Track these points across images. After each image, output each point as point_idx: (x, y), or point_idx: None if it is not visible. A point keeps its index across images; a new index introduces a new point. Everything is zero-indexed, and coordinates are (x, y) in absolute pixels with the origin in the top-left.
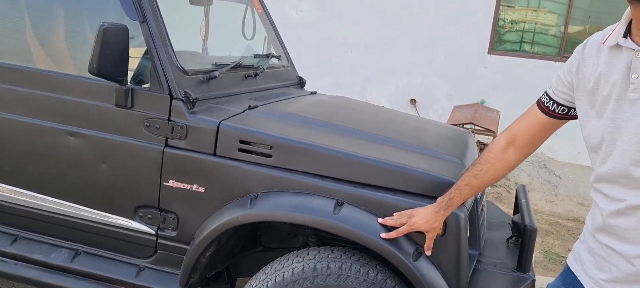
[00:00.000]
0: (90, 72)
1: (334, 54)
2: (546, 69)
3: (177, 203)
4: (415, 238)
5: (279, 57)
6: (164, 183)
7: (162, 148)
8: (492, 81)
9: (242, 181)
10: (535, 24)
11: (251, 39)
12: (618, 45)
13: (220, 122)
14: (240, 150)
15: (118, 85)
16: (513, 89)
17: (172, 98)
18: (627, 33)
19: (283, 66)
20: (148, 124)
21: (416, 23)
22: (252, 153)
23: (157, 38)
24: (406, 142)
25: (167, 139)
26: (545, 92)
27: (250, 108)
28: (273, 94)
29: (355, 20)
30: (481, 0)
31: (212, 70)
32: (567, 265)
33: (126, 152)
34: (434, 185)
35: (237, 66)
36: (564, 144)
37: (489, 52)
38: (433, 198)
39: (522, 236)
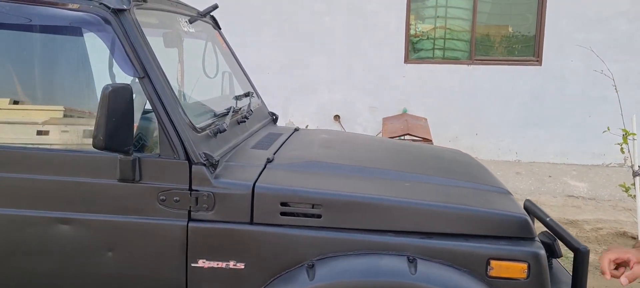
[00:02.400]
0: (95, 146)
1: (251, 77)
2: (459, 73)
3: (211, 285)
4: None
5: (253, 95)
6: (192, 265)
7: (185, 223)
8: (411, 89)
9: (290, 249)
10: (445, 30)
11: (214, 77)
12: None
13: (255, 184)
14: (282, 214)
15: (122, 157)
16: (431, 95)
17: (191, 163)
18: None
19: (258, 104)
20: (164, 198)
21: (330, 40)
22: (298, 216)
23: (164, 95)
24: (450, 178)
25: (190, 211)
26: None
27: (269, 161)
28: (268, 139)
29: (269, 42)
30: (391, 13)
31: (214, 123)
32: None
33: (139, 234)
34: (507, 224)
35: (233, 113)
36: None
37: (405, 62)
38: (508, 239)
39: (574, 260)
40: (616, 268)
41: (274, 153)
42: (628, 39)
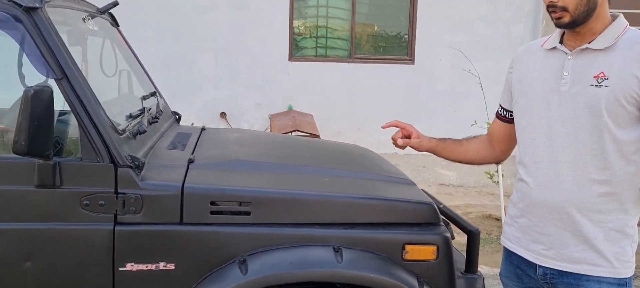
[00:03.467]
0: (16, 151)
1: None
2: (341, 70)
3: None
4: (416, 270)
5: (156, 95)
6: (119, 269)
7: (111, 227)
8: (295, 86)
9: (221, 247)
10: (327, 29)
11: (113, 76)
12: (555, 48)
13: (183, 184)
14: (212, 213)
15: (41, 162)
16: (315, 92)
17: (116, 166)
18: (561, 41)
19: (162, 104)
20: (88, 202)
21: (214, 36)
22: (228, 214)
23: (84, 96)
24: (361, 172)
25: (116, 215)
26: (499, 103)
27: (191, 162)
28: (180, 139)
29: (152, 38)
30: (276, 12)
31: (130, 124)
32: (505, 248)
33: (60, 241)
34: (418, 212)
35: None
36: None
37: (289, 59)
38: (418, 225)
39: (468, 240)
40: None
41: (193, 153)
42: (487, 41)
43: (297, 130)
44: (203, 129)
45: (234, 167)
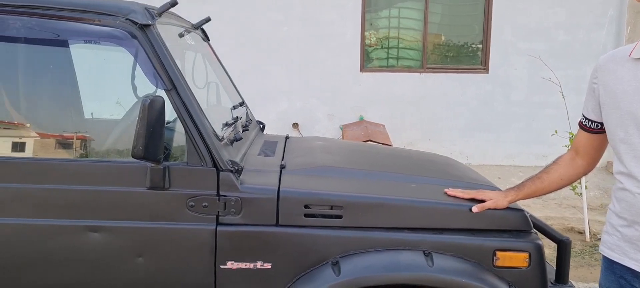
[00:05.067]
0: (135, 155)
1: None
2: (413, 80)
3: (239, 285)
4: (507, 277)
5: (244, 105)
6: (221, 266)
7: (213, 227)
8: (366, 97)
9: (314, 248)
10: (398, 40)
11: (203, 87)
12: None
13: (279, 188)
14: (306, 215)
15: (152, 165)
16: (386, 102)
17: (218, 170)
18: None
19: (249, 114)
20: (193, 204)
21: (288, 49)
22: (320, 217)
23: (191, 105)
24: (448, 179)
25: (218, 216)
26: (582, 114)
27: (283, 168)
28: (269, 146)
29: (227, 50)
30: (347, 24)
31: (228, 132)
32: (604, 257)
33: (169, 239)
34: (509, 219)
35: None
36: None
37: (360, 70)
38: (510, 232)
39: (558, 250)
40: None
41: (283, 160)
42: (566, 48)
43: (370, 140)
44: (287, 137)
45: (323, 173)
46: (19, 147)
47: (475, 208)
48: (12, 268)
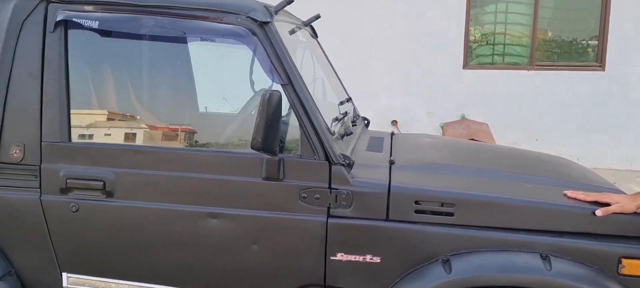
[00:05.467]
0: (254, 147)
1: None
2: (519, 78)
3: (348, 277)
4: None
5: (351, 101)
6: (331, 258)
7: (325, 219)
8: (469, 95)
9: (424, 245)
10: (505, 36)
11: (310, 83)
12: None
13: (390, 184)
14: (416, 212)
15: (269, 157)
16: (490, 100)
17: (330, 164)
18: None
19: (356, 110)
20: (306, 195)
21: (389, 46)
22: (431, 214)
23: (306, 100)
24: (566, 180)
25: (329, 208)
26: None
27: (392, 163)
28: (376, 142)
29: (330, 48)
30: (450, 20)
31: (338, 126)
32: None
33: (281, 229)
34: (636, 224)
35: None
36: None
37: (463, 67)
38: (636, 238)
39: None
40: None
41: (391, 156)
42: None
43: (473, 139)
44: (392, 133)
45: (433, 169)
46: (148, 137)
47: (599, 212)
48: (139, 248)
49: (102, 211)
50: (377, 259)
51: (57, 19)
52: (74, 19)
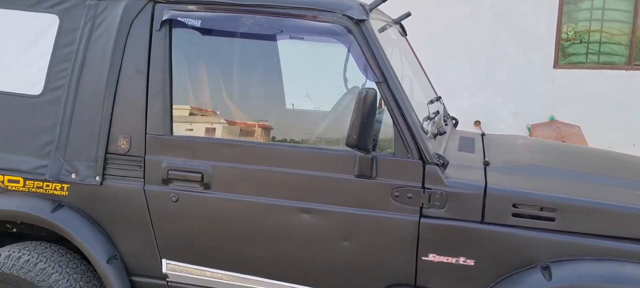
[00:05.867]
0: (349, 144)
1: None
2: (616, 79)
3: (440, 279)
4: None
5: (440, 100)
6: (422, 258)
7: (417, 219)
8: (559, 96)
9: (521, 250)
10: (601, 34)
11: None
12: None
13: (486, 185)
14: (514, 215)
15: (362, 155)
16: (583, 102)
17: (424, 163)
18: None
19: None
20: (398, 194)
21: (473, 44)
22: (529, 218)
23: (401, 98)
24: None
25: (422, 208)
26: None
27: (487, 164)
28: (467, 142)
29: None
30: (541, 17)
31: (430, 125)
32: None
33: (373, 227)
34: None
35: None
36: None
37: (554, 67)
38: None
39: None
40: None
41: (484, 157)
42: None
43: (564, 142)
44: (483, 134)
45: (531, 172)
46: (243, 132)
47: None
48: (234, 239)
49: (199, 202)
50: (470, 262)
51: (163, 18)
52: (179, 18)
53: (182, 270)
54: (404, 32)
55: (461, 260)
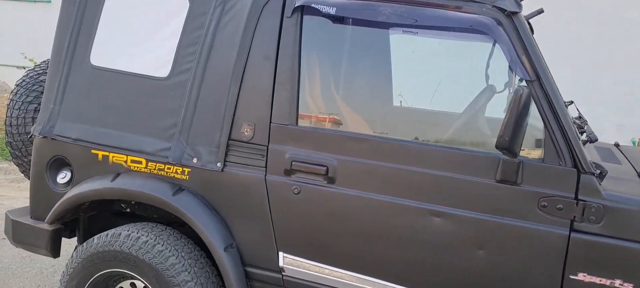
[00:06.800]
0: (499, 146)
1: None
2: None
3: None
4: None
5: (573, 104)
6: (570, 277)
7: (566, 233)
8: None
9: None
10: None
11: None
12: None
13: None
14: None
15: (507, 158)
16: None
17: (579, 172)
18: None
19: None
20: (545, 204)
21: (577, 49)
22: None
23: (555, 100)
24: None
25: (572, 221)
26: None
27: None
28: (606, 152)
29: None
30: None
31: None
32: None
33: (513, 237)
34: None
35: None
36: None
37: None
38: None
39: None
40: None
41: (636, 170)
42: None
43: None
44: (616, 144)
45: None
46: (371, 126)
47: None
48: (357, 238)
49: (322, 196)
50: (629, 285)
51: (296, 5)
52: (312, 5)
53: (299, 264)
54: (531, 30)
55: (617, 282)
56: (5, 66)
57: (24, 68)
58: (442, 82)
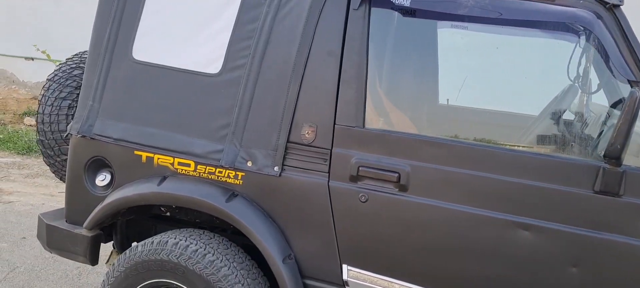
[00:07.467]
0: (610, 154)
1: None
2: None
3: None
4: None
5: None
6: None
7: None
8: None
9: None
10: None
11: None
12: None
13: None
14: None
15: (609, 167)
16: None
17: None
18: None
19: None
20: None
21: None
22: None
23: None
24: None
25: None
26: None
27: None
28: None
29: None
30: None
31: None
32: None
33: (613, 254)
34: None
35: None
36: None
37: None
38: None
39: None
40: None
41: None
42: None
43: None
44: None
45: None
46: (445, 131)
47: None
48: (433, 252)
49: (394, 205)
50: None
51: None
52: None
53: (366, 279)
54: None
55: None
56: (12, 57)
57: (33, 59)
58: (517, 81)
